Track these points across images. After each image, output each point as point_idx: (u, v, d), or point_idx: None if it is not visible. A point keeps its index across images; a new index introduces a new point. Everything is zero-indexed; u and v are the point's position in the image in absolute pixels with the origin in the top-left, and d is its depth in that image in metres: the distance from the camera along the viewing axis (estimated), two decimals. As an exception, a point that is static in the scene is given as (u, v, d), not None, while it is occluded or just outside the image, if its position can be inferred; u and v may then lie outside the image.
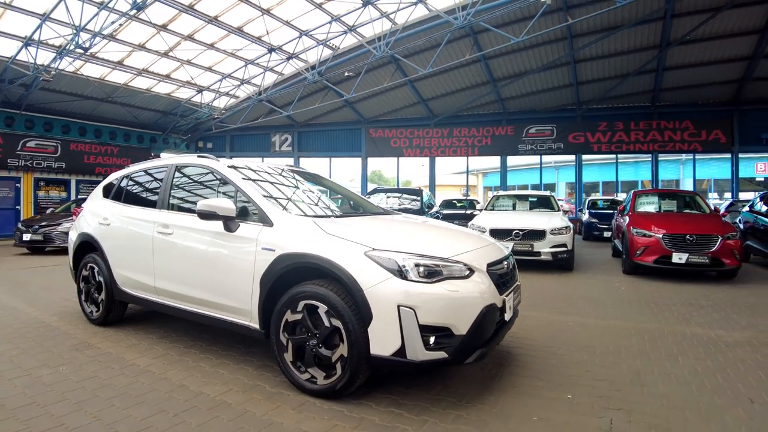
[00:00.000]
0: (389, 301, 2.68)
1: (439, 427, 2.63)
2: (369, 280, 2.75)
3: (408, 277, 2.72)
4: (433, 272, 2.78)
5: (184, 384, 3.15)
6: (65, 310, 5.29)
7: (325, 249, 2.94)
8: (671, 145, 19.17)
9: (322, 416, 2.73)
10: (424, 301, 2.67)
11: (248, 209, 3.43)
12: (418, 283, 2.71)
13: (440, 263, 2.83)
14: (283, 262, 3.05)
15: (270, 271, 3.09)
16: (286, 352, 3.05)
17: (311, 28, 14.97)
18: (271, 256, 3.11)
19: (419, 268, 2.76)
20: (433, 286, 2.73)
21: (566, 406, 2.93)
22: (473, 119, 21.49)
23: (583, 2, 13.80)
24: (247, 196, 3.47)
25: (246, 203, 3.46)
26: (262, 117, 20.72)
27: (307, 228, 3.13)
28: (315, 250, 2.96)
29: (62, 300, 5.81)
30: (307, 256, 2.97)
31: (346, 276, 2.80)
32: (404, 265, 2.76)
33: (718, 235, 7.44)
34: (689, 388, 3.23)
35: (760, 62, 15.72)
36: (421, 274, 2.75)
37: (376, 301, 2.71)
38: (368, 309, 2.72)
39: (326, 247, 2.95)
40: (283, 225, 3.21)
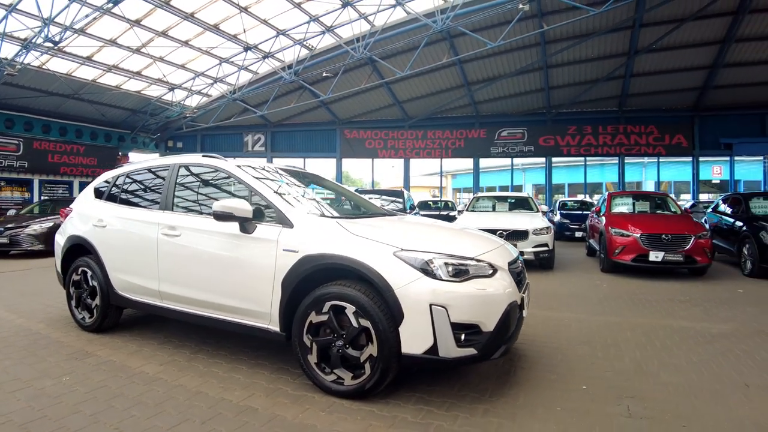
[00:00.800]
0: (421, 300, 2.72)
1: (471, 421, 2.70)
2: (400, 280, 2.77)
3: (438, 276, 2.77)
4: (461, 271, 2.85)
5: (201, 391, 3.06)
6: (50, 316, 5.04)
7: (353, 250, 2.94)
8: (637, 149, 20.00)
9: (354, 417, 2.72)
10: (456, 300, 2.73)
11: (263, 210, 3.37)
12: (448, 282, 2.77)
13: (467, 263, 2.89)
14: (308, 263, 3.02)
15: (293, 273, 3.05)
16: (310, 354, 3.02)
17: (289, 28, 14.84)
18: (293, 258, 3.07)
19: (448, 268, 2.82)
20: (462, 285, 2.80)
21: (583, 396, 3.07)
22: (447, 122, 21.79)
23: (557, 9, 14.23)
24: (263, 197, 3.41)
25: (262, 204, 3.40)
26: (235, 116, 20.35)
27: (331, 229, 3.12)
28: (342, 251, 2.95)
29: (44, 306, 5.52)
30: (334, 257, 2.96)
31: (376, 276, 2.82)
32: (434, 265, 2.80)
33: (691, 235, 7.82)
34: (689, 376, 3.43)
35: (720, 71, 16.64)
36: (450, 273, 2.80)
37: (407, 301, 2.74)
38: (399, 308, 2.75)
39: (354, 248, 2.95)
40: (304, 226, 3.18)
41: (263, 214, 3.35)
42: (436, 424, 2.65)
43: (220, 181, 3.91)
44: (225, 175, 3.82)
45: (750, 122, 18.47)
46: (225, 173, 3.80)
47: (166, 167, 4.19)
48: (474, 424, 2.67)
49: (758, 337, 4.41)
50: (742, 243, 8.58)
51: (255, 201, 3.45)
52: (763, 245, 7.88)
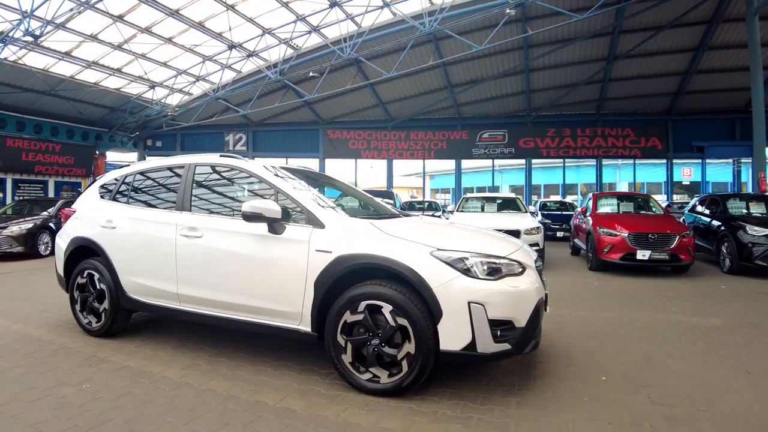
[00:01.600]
0: (459, 298, 2.81)
1: (508, 413, 2.80)
2: (438, 279, 2.85)
3: (475, 275, 2.88)
4: (495, 270, 2.94)
5: (233, 394, 3.02)
6: (48, 321, 4.84)
7: (390, 250, 2.98)
8: (614, 151, 20.62)
9: (395, 413, 2.76)
10: (492, 297, 2.83)
11: (290, 210, 3.37)
12: (484, 280, 2.88)
13: (500, 261, 2.99)
14: (343, 263, 3.04)
15: (326, 274, 3.07)
16: (344, 354, 3.04)
17: (275, 27, 14.72)
18: (327, 258, 3.08)
19: (484, 267, 2.92)
20: (497, 283, 2.90)
21: (605, 386, 3.22)
22: (429, 123, 21.99)
23: (541, 14, 14.55)
24: (291, 197, 3.40)
25: (288, 205, 3.40)
26: (216, 115, 20.02)
27: (366, 229, 3.16)
28: (380, 251, 2.99)
29: (38, 311, 5.29)
30: (371, 257, 2.99)
31: (414, 276, 2.87)
32: (471, 264, 2.90)
33: (676, 234, 8.14)
34: (695, 366, 3.65)
35: (693, 77, 17.34)
36: (485, 272, 2.91)
37: (446, 299, 2.81)
38: (438, 306, 2.82)
39: (391, 248, 2.99)
40: (337, 227, 3.20)
41: (290, 214, 3.35)
42: (476, 418, 2.73)
43: (240, 182, 3.87)
44: (246, 175, 3.79)
45: (720, 126, 19.29)
46: (246, 173, 3.76)
47: (180, 167, 4.11)
48: (511, 416, 2.77)
49: (748, 330, 4.69)
50: (720, 242, 8.95)
51: (280, 202, 3.44)
52: (741, 244, 8.25)
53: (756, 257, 8.00)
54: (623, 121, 20.36)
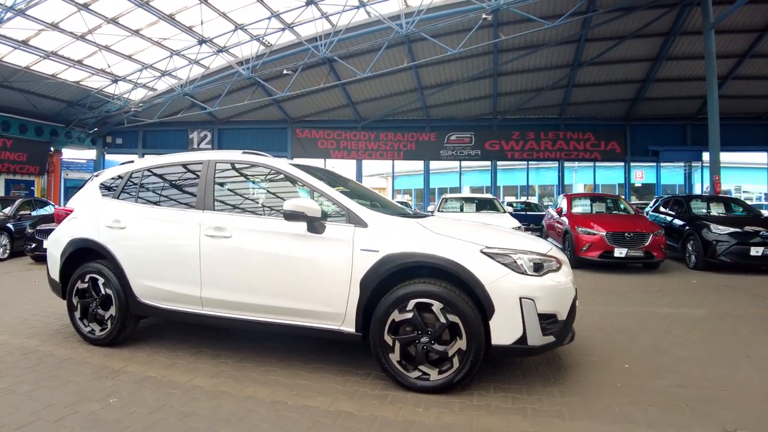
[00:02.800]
0: (511, 294, 2.89)
1: (555, 401, 2.94)
2: (490, 276, 2.91)
3: (524, 271, 2.98)
4: (539, 266, 3.05)
5: (278, 400, 2.92)
6: (36, 330, 4.47)
7: (441, 248, 3.00)
8: (575, 154, 21.46)
9: (451, 409, 2.79)
10: (540, 292, 2.94)
11: (326, 209, 3.31)
12: (532, 276, 2.98)
13: (542, 258, 3.10)
14: (391, 262, 3.02)
15: (373, 273, 3.04)
16: (392, 353, 3.02)
17: (248, 23, 14.37)
18: (373, 257, 3.05)
19: (530, 263, 3.01)
20: (543, 278, 3.01)
21: (631, 373, 3.43)
22: (399, 124, 22.11)
23: (512, 20, 14.96)
24: (329, 196, 3.35)
25: (325, 203, 3.33)
26: (182, 112, 19.28)
27: (413, 228, 3.17)
28: (431, 249, 3.01)
29: (20, 319, 4.87)
30: (423, 256, 3.00)
31: (466, 273, 2.92)
32: (520, 261, 2.99)
33: (650, 233, 8.61)
34: (699, 352, 3.96)
35: (650, 85, 18.34)
36: (532, 268, 3.01)
37: (498, 295, 2.88)
38: (490, 303, 2.88)
39: (441, 246, 3.02)
40: (382, 226, 3.18)
41: (327, 213, 3.30)
42: (529, 408, 2.84)
43: (268, 180, 3.76)
44: (272, 173, 3.69)
45: (674, 132, 20.50)
46: (274, 170, 3.67)
47: (196, 163, 3.93)
48: (560, 404, 2.90)
49: (731, 319, 5.11)
50: (686, 240, 9.51)
51: (315, 200, 3.37)
52: (706, 241, 8.81)
53: (720, 254, 8.57)
54: (584, 125, 21.23)
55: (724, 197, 11.46)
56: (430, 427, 2.58)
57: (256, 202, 3.78)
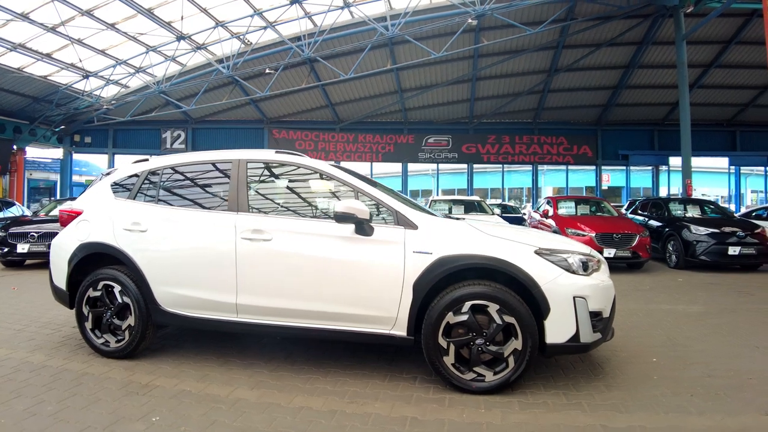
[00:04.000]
0: (566, 293, 2.94)
1: (604, 396, 3.02)
2: (545, 276, 2.94)
3: (575, 271, 3.04)
4: (587, 266, 3.11)
5: (334, 409, 2.81)
6: (38, 343, 4.11)
7: (497, 250, 3.00)
8: (549, 158, 22.04)
9: (512, 408, 2.79)
10: (591, 291, 3.01)
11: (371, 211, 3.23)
12: (582, 276, 3.05)
13: (588, 258, 3.16)
14: (446, 264, 2.98)
15: (427, 275, 2.99)
16: (446, 356, 2.98)
17: (229, 20, 14.03)
18: (427, 260, 3.01)
19: (580, 263, 3.07)
20: (590, 278, 3.09)
21: (660, 366, 3.56)
22: (377, 126, 22.12)
23: (495, 26, 15.22)
24: (375, 198, 3.28)
25: (370, 204, 3.27)
26: (156, 110, 18.59)
27: (466, 230, 3.16)
28: (487, 251, 3.00)
29: (14, 331, 4.48)
30: (479, 258, 2.98)
31: (522, 274, 2.93)
32: (571, 261, 3.04)
33: (636, 234, 8.92)
34: (714, 344, 4.15)
35: (622, 91, 19.04)
36: (581, 268, 3.07)
37: (553, 295, 2.92)
38: (546, 303, 2.91)
39: (497, 248, 3.02)
40: (433, 227, 3.14)
41: (371, 215, 3.23)
42: (584, 403, 2.90)
43: (307, 180, 3.64)
44: (311, 174, 3.58)
45: (642, 137, 21.38)
46: (310, 171, 3.56)
47: (224, 162, 3.77)
48: (610, 397, 2.98)
49: (728, 314, 5.37)
50: (667, 240, 9.89)
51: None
52: (687, 242, 9.20)
53: (700, 253, 8.96)
54: (557, 129, 21.83)
55: (699, 200, 12.00)
56: (501, 427, 2.57)
57: (296, 204, 3.65)
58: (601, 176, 23.76)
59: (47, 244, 8.83)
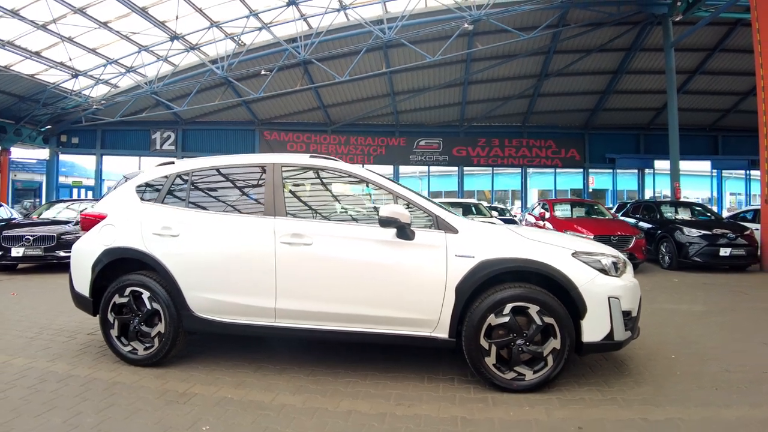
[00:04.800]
0: (601, 294, 3.06)
1: (635, 391, 3.17)
2: (583, 278, 3.06)
3: (608, 272, 3.17)
4: (618, 267, 3.25)
5: (383, 412, 2.83)
6: (55, 351, 3.98)
7: (538, 253, 3.11)
8: (538, 161, 22.40)
9: (554, 405, 2.90)
10: (622, 291, 3.15)
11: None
12: (614, 277, 3.18)
13: (617, 259, 3.30)
14: (488, 267, 3.07)
15: (470, 278, 3.07)
16: (488, 356, 3.06)
17: (225, 20, 13.95)
18: (470, 263, 3.09)
19: (612, 265, 3.21)
20: (621, 278, 3.22)
21: (680, 362, 3.74)
22: (369, 129, 22.21)
23: (489, 31, 15.43)
24: (414, 203, 3.34)
25: (412, 209, 3.33)
26: (147, 111, 18.31)
27: (505, 234, 3.29)
28: (527, 254, 3.10)
29: (27, 339, 4.35)
30: (521, 261, 3.08)
31: (561, 276, 3.04)
32: (605, 263, 3.18)
33: (632, 236, 9.15)
34: (723, 341, 4.37)
35: (610, 96, 19.48)
36: (613, 269, 3.20)
37: (590, 296, 3.04)
38: (584, 303, 3.03)
39: (538, 251, 3.12)
40: (474, 231, 3.23)
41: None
42: (619, 398, 3.04)
43: (344, 185, 3.69)
44: (347, 178, 3.63)
45: (628, 141, 21.90)
46: (344, 174, 3.60)
47: (257, 166, 3.77)
48: (641, 392, 3.13)
49: (729, 313, 5.63)
50: (660, 242, 10.16)
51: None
52: (679, 243, 9.48)
53: (693, 255, 9.24)
54: (546, 133, 22.21)
55: (689, 202, 12.35)
56: (548, 423, 2.67)
57: (334, 208, 3.69)
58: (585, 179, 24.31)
59: (43, 248, 8.71)
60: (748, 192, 22.61)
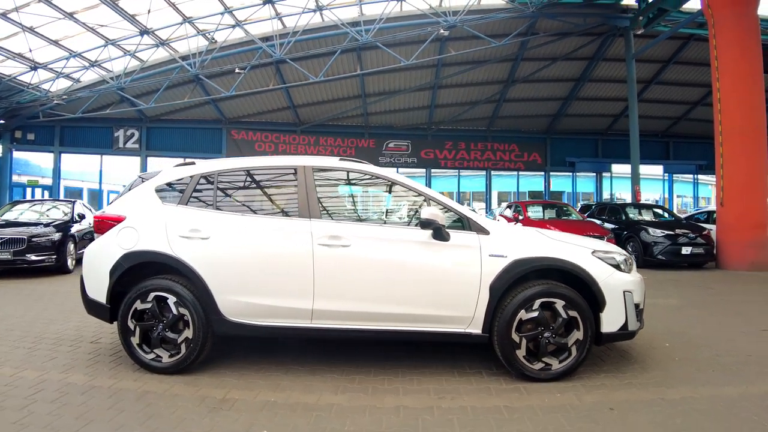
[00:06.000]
0: (617, 288, 3.37)
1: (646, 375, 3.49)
2: (601, 274, 3.36)
3: (622, 269, 3.50)
4: (628, 263, 3.59)
5: (430, 405, 2.95)
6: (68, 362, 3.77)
7: (563, 252, 3.38)
8: (502, 164, 23.08)
9: (581, 391, 3.16)
10: (633, 285, 3.47)
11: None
12: (626, 272, 3.51)
13: (626, 257, 3.63)
14: (520, 266, 3.28)
15: (503, 276, 3.27)
16: (518, 349, 3.27)
17: (198, 16, 13.63)
18: (503, 262, 3.28)
19: (624, 261, 3.54)
20: (631, 274, 3.55)
21: (675, 349, 4.14)
22: (339, 130, 22.19)
23: (461, 37, 15.83)
24: (447, 205, 3.50)
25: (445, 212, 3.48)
26: (111, 107, 17.52)
27: (533, 235, 3.54)
28: (555, 253, 3.36)
29: (26, 350, 4.06)
30: (549, 260, 3.33)
31: (585, 273, 3.31)
32: (619, 260, 3.49)
33: (604, 236, 9.69)
34: (705, 330, 4.83)
35: (572, 102, 20.40)
36: (625, 265, 3.53)
37: (609, 290, 3.34)
38: (603, 297, 3.32)
39: (563, 250, 3.40)
40: (503, 233, 3.45)
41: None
42: (634, 382, 3.36)
43: (377, 187, 3.81)
44: (378, 180, 3.75)
45: (587, 145, 22.95)
46: (373, 176, 3.72)
47: (289, 169, 3.78)
48: (651, 377, 3.46)
49: (702, 306, 6.21)
50: (626, 242, 10.82)
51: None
52: (645, 243, 10.16)
53: (658, 253, 9.93)
54: (510, 137, 22.91)
55: (650, 204, 13.20)
56: (583, 407, 2.93)
57: (367, 210, 3.80)
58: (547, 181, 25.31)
59: (12, 252, 8.25)
60: (696, 195, 24.28)
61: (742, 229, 9.42)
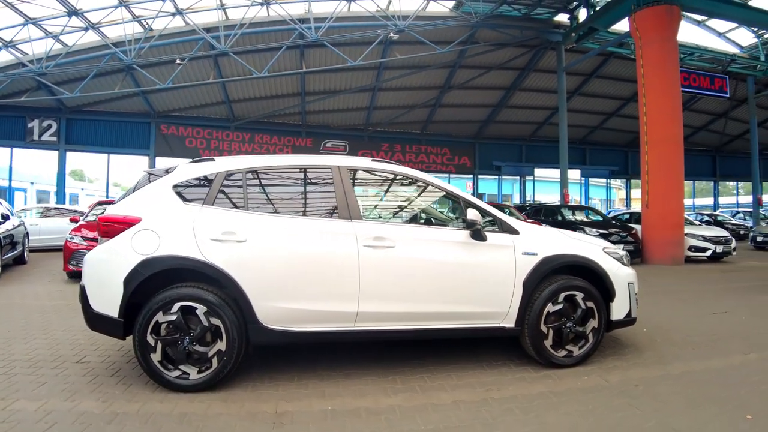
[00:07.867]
0: (624, 280, 3.88)
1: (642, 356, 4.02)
2: (611, 268, 3.84)
3: (625, 263, 4.01)
4: (626, 258, 4.10)
5: (482, 398, 3.17)
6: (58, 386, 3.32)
7: (582, 250, 3.80)
8: (435, 166, 23.95)
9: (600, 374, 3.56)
10: (633, 278, 3.98)
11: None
12: (627, 266, 4.03)
13: (626, 253, 4.16)
14: (549, 263, 3.63)
15: (535, 273, 3.59)
16: (546, 339, 3.61)
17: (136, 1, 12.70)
18: (534, 260, 3.61)
19: (626, 257, 4.06)
20: (630, 267, 4.07)
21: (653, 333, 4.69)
22: (275, 127, 21.71)
23: (406, 41, 16.24)
24: (482, 208, 3.71)
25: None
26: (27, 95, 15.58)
27: (557, 234, 3.91)
28: (575, 251, 3.76)
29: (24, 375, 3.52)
30: (571, 257, 3.72)
31: (599, 268, 3.76)
32: (622, 256, 4.01)
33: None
34: (668, 316, 5.46)
35: (501, 110, 21.74)
36: (626, 259, 4.05)
37: (617, 282, 3.82)
38: (614, 288, 3.80)
39: (582, 248, 3.82)
40: (532, 232, 3.78)
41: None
42: (638, 362, 3.85)
43: (412, 189, 3.94)
44: (413, 182, 3.90)
45: (512, 150, 24.58)
46: (415, 180, 3.86)
47: (320, 168, 3.71)
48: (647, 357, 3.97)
49: (654, 296, 6.78)
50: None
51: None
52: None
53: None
54: (442, 141, 23.89)
55: (583, 206, 14.48)
56: (614, 386, 3.35)
57: (404, 211, 3.90)
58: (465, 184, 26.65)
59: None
60: (608, 197, 26.95)
61: (665, 228, 10.72)
